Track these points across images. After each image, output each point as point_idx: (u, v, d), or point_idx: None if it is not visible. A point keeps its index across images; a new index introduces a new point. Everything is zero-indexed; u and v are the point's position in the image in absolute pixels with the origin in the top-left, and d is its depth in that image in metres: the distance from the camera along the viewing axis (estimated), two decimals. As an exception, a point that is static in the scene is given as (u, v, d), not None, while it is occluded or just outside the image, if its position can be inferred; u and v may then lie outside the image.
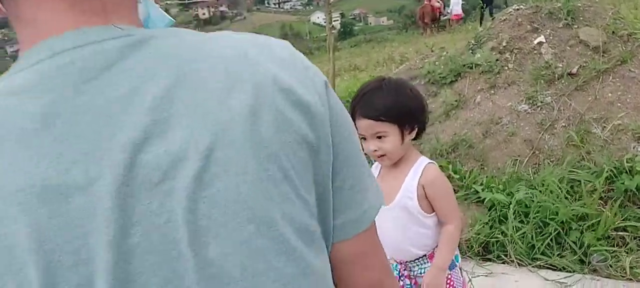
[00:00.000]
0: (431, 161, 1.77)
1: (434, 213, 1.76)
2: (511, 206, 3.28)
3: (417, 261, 1.83)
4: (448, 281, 1.81)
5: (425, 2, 17.07)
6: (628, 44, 4.17)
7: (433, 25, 16.74)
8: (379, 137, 1.68)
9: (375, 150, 1.70)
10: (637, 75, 3.95)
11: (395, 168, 1.76)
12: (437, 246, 1.80)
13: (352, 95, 1.75)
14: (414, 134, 1.71)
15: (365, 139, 1.71)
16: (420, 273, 1.83)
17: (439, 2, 16.97)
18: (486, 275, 3.02)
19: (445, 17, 17.68)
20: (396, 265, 1.89)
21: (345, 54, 17.82)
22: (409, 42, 15.68)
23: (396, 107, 1.66)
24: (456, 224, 1.77)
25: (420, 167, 1.74)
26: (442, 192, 1.75)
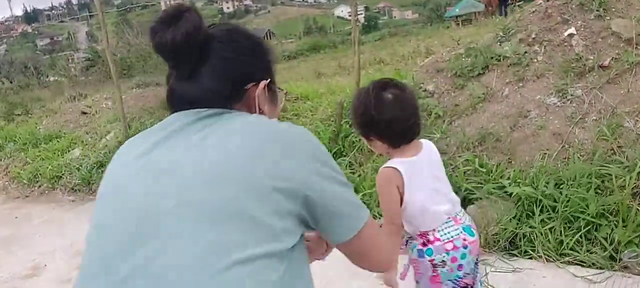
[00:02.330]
0: (388, 165, 1.73)
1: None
2: (539, 200, 3.22)
3: None
4: (415, 266, 1.81)
5: None
6: (663, 36, 4.04)
7: (500, 9, 17.84)
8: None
9: None
10: (672, 68, 3.83)
11: None
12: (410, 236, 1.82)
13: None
14: (385, 144, 1.72)
15: None
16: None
17: None
18: (513, 270, 2.97)
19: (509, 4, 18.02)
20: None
21: (369, 48, 17.71)
22: (435, 36, 15.51)
23: (357, 119, 1.76)
24: (386, 228, 1.73)
25: None
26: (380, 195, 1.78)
